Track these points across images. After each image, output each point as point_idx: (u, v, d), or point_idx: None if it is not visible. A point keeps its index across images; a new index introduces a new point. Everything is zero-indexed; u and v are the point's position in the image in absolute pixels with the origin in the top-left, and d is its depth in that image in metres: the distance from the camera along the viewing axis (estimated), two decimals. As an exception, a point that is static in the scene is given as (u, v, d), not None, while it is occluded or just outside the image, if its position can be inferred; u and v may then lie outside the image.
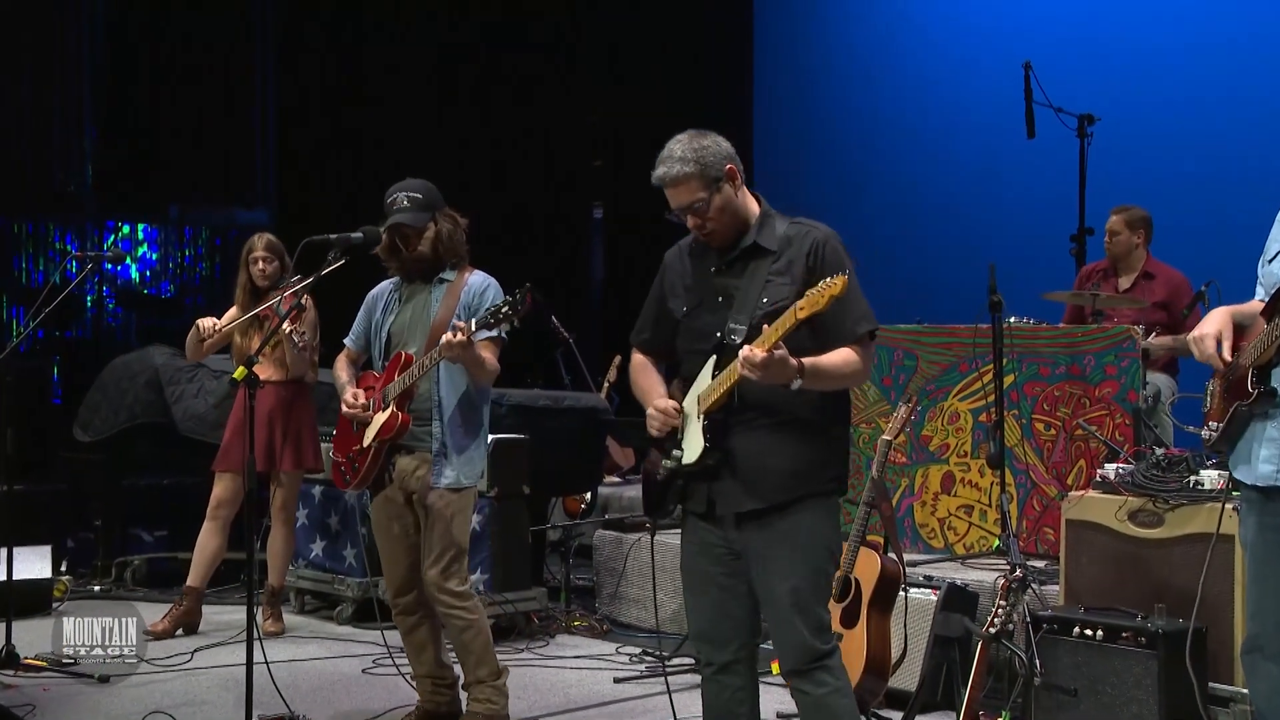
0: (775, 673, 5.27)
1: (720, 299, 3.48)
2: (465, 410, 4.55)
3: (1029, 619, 4.51)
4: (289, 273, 6.27)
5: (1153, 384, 6.22)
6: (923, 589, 5.02)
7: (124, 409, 7.48)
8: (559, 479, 7.25)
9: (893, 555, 4.80)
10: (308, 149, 10.90)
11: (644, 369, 3.71)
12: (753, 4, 11.53)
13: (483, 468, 4.65)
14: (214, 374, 7.23)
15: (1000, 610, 4.25)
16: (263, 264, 6.25)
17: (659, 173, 3.45)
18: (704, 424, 3.38)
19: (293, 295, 5.99)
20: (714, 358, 3.41)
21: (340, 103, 10.92)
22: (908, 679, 4.86)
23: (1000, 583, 4.36)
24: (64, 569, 7.21)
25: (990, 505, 5.97)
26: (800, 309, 3.13)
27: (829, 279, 3.12)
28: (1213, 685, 4.42)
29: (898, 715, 4.75)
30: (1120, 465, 4.96)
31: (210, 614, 6.50)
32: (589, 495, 8.02)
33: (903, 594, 4.80)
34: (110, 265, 10.40)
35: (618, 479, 8.97)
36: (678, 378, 3.60)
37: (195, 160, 10.76)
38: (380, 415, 4.51)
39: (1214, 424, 3.38)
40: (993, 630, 4.25)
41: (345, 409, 4.57)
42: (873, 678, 4.67)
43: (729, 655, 3.55)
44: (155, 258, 11.08)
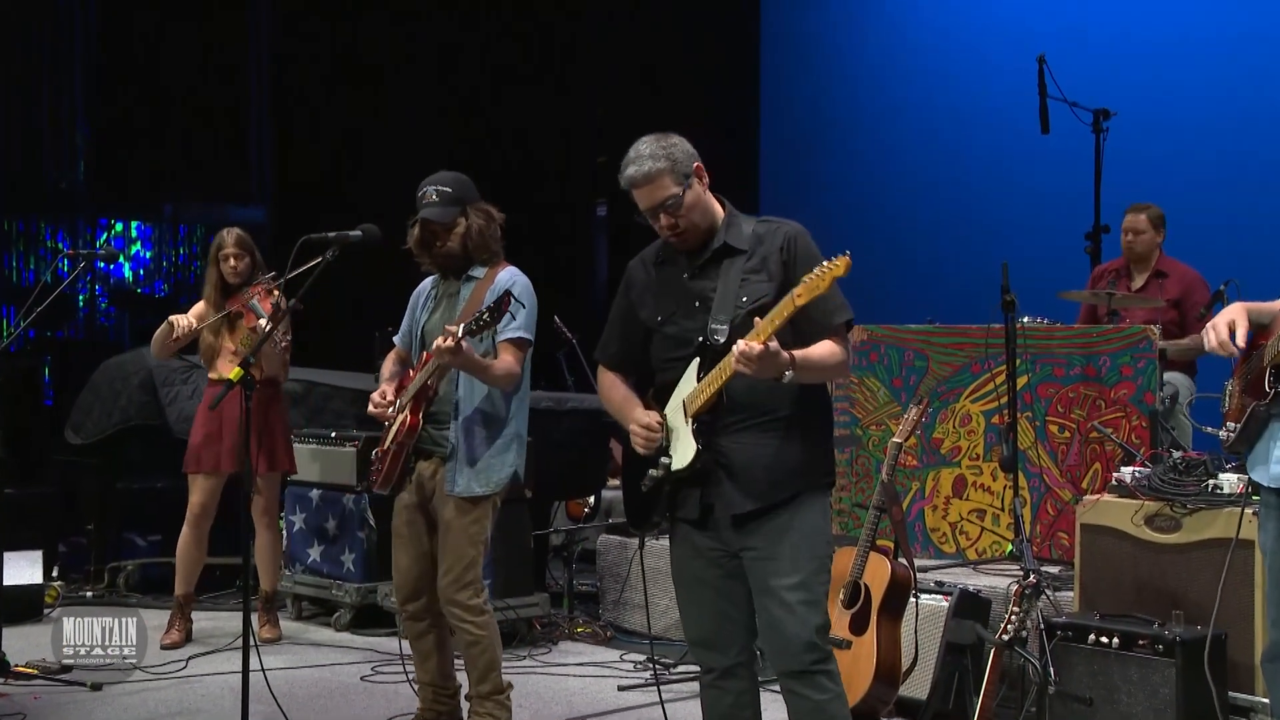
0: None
1: (697, 303, 3.49)
2: (487, 415, 4.49)
3: (1043, 626, 4.51)
4: (260, 269, 6.26)
5: (1170, 384, 6.21)
6: (934, 595, 5.02)
7: (117, 410, 7.49)
8: (562, 482, 7.26)
9: (903, 560, 4.81)
10: (305, 145, 10.90)
11: (615, 385, 3.72)
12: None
13: (506, 475, 4.53)
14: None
15: (1013, 617, 4.25)
16: (234, 260, 6.20)
17: (629, 173, 3.46)
18: (693, 427, 3.40)
19: (267, 293, 6.00)
20: (697, 360, 3.43)
21: (339, 98, 10.92)
22: (918, 687, 4.85)
23: (1013, 589, 4.36)
24: (55, 574, 7.23)
25: (1003, 509, 5.97)
26: (798, 295, 3.14)
27: (827, 262, 3.13)
28: (1232, 694, 4.42)
29: (908, 724, 4.75)
30: (1137, 468, 4.96)
31: (204, 620, 6.51)
32: (592, 499, 8.02)
33: (913, 600, 4.80)
34: (103, 264, 10.41)
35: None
36: (652, 389, 3.60)
37: (190, 156, 10.77)
38: (401, 416, 4.51)
39: (1232, 424, 3.39)
40: (1006, 637, 4.25)
41: (370, 408, 4.56)
42: (883, 686, 4.67)
43: (730, 659, 3.56)
44: (149, 256, 11.09)
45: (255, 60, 11.06)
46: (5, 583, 5.84)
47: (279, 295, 5.95)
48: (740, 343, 3.20)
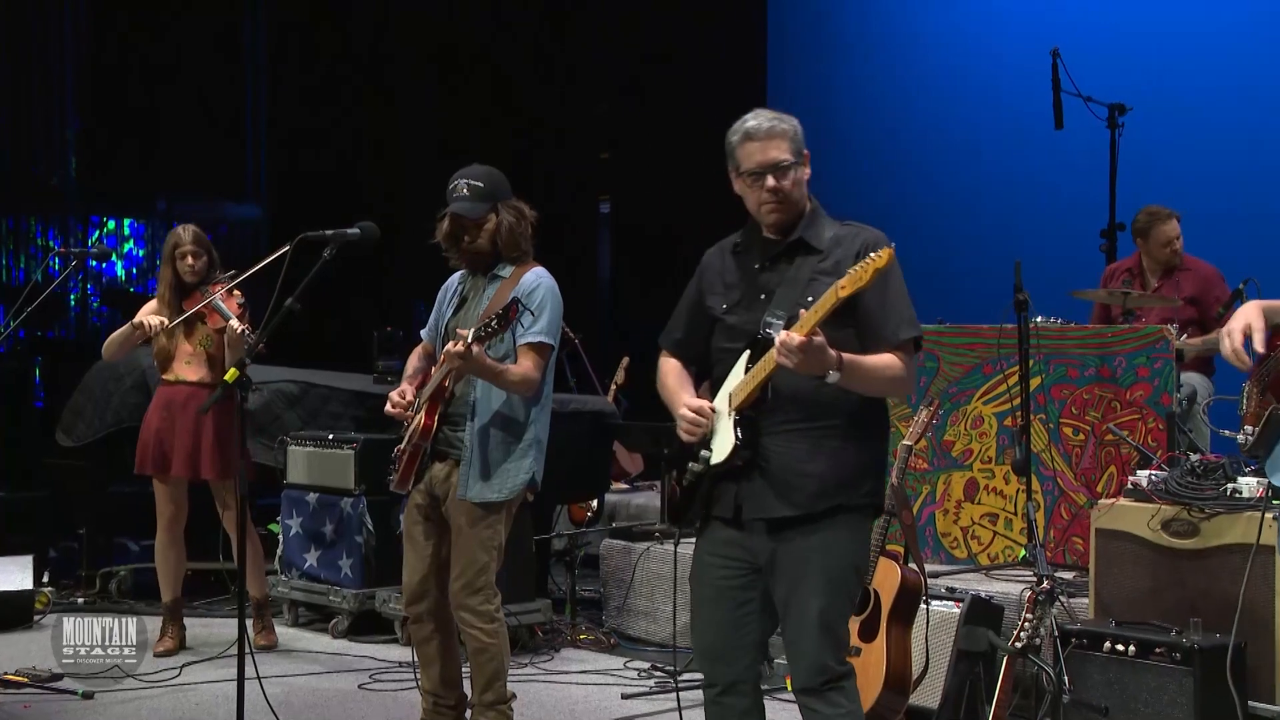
0: (790, 689, 5.29)
1: (762, 296, 3.47)
2: (504, 419, 4.45)
3: (1057, 633, 4.50)
4: (216, 267, 6.24)
5: (1187, 385, 6.21)
6: (945, 601, 5.01)
7: (109, 412, 7.49)
8: (564, 486, 7.24)
9: (913, 566, 4.80)
10: (302, 140, 10.92)
11: (672, 371, 3.68)
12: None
13: (522, 482, 4.49)
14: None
15: (1027, 624, 4.24)
16: (191, 259, 6.14)
17: (751, 124, 3.43)
18: (735, 420, 3.37)
19: (228, 293, 5.96)
20: (747, 353, 3.40)
21: (337, 93, 10.93)
22: (929, 696, 4.85)
23: (1027, 595, 4.35)
24: (46, 580, 7.23)
25: (1016, 513, 5.97)
26: (842, 287, 3.12)
27: (872, 254, 3.12)
28: (1253, 704, 4.40)
29: (919, 734, 4.75)
30: (1153, 471, 4.94)
31: (198, 627, 6.51)
32: (595, 503, 8.02)
33: (924, 606, 4.80)
34: (95, 262, 10.43)
35: (626, 486, 8.98)
36: (707, 381, 3.59)
37: (184, 151, 10.77)
38: (417, 417, 4.50)
39: (1250, 428, 3.38)
40: (1019, 645, 4.25)
41: (387, 407, 4.55)
42: (892, 694, 4.67)
43: (735, 674, 3.53)
44: (142, 254, 11.11)
45: (251, 54, 11.07)
46: (-5, 589, 5.85)
47: (240, 295, 5.93)
48: (782, 332, 3.18)
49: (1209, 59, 8.65)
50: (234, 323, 5.80)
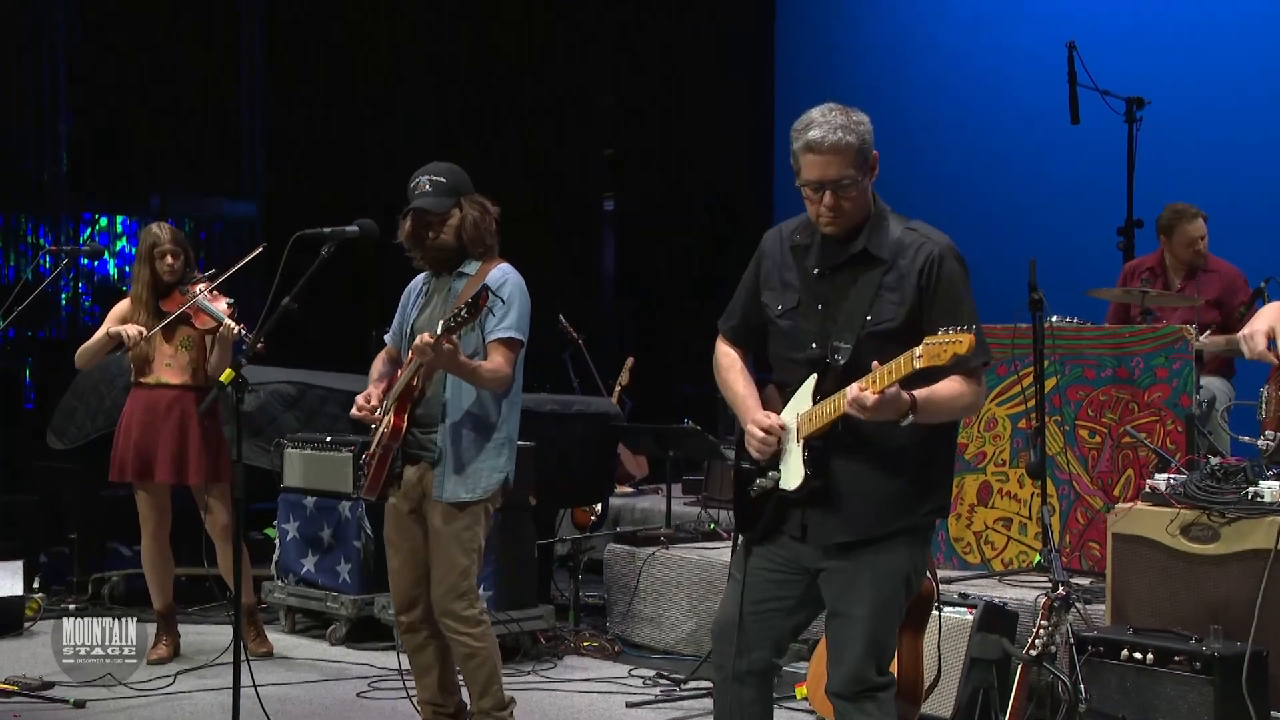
0: (799, 697, 5.30)
1: (820, 306, 3.44)
2: (476, 418, 4.48)
3: (1073, 640, 4.51)
4: (193, 267, 6.23)
5: (1207, 388, 6.20)
6: (958, 608, 5.01)
7: (101, 414, 7.49)
8: (567, 489, 7.26)
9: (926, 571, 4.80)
10: (299, 136, 10.92)
11: (732, 367, 3.67)
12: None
13: (496, 481, 4.52)
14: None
15: (1042, 631, 4.24)
16: (170, 259, 6.12)
17: (815, 134, 3.32)
18: (805, 453, 3.39)
19: (210, 293, 5.96)
20: (815, 377, 3.40)
21: (334, 87, 10.94)
22: (942, 704, 4.85)
23: (1041, 601, 4.35)
24: (36, 586, 7.24)
25: (1030, 518, 5.96)
26: (919, 358, 3.11)
27: (954, 333, 3.08)
28: (1274, 714, 4.39)
29: (932, 744, 4.75)
30: (1172, 475, 4.94)
31: (192, 634, 6.52)
32: (599, 507, 8.02)
33: (936, 613, 4.78)
34: (86, 260, 10.42)
35: (630, 489, 8.98)
36: (771, 384, 3.59)
37: (178, 147, 10.77)
38: (386, 419, 4.51)
39: (1271, 433, 3.38)
40: (1033, 653, 4.24)
41: (353, 411, 4.56)
42: (904, 703, 4.65)
43: (745, 665, 3.55)
44: (134, 252, 11.10)
45: (246, 49, 11.07)
46: (-15, 594, 5.86)
47: (222, 294, 5.93)
48: (855, 388, 3.18)
49: (1229, 50, 8.66)
50: (229, 323, 5.81)
